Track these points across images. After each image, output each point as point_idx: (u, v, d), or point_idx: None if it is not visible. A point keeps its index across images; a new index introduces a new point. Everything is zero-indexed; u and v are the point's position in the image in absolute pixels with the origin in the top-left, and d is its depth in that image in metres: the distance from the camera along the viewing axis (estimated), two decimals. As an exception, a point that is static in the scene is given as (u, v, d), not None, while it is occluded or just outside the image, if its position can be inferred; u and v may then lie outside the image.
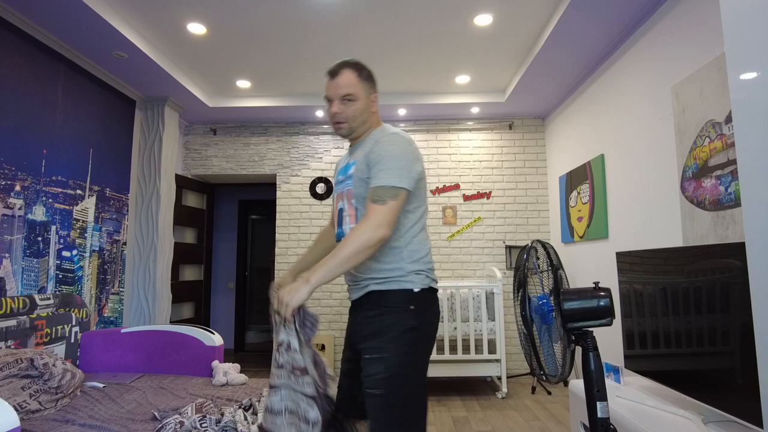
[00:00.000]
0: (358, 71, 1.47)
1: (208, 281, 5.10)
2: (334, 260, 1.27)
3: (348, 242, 1.28)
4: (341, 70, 1.46)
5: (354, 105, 1.46)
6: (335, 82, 1.46)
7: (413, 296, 1.38)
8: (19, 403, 1.98)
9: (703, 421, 1.66)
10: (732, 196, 1.99)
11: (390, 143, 1.40)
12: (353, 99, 1.46)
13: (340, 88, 1.45)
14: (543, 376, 1.54)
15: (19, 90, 2.69)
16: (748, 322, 1.44)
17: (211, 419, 1.80)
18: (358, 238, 1.28)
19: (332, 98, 1.48)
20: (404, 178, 1.36)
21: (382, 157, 1.38)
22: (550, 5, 2.83)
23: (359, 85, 1.46)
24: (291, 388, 1.27)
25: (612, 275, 3.19)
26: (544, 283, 1.63)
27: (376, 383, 1.30)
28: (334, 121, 1.48)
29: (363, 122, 1.49)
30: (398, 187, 1.35)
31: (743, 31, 1.06)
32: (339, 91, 1.45)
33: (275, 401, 1.25)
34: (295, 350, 1.31)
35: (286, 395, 1.26)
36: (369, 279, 1.41)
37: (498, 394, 3.70)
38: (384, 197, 1.33)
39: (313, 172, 4.71)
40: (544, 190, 4.60)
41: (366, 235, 1.28)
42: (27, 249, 2.73)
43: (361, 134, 1.52)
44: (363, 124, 1.50)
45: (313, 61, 3.57)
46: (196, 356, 2.74)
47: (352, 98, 1.46)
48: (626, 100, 2.99)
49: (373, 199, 1.34)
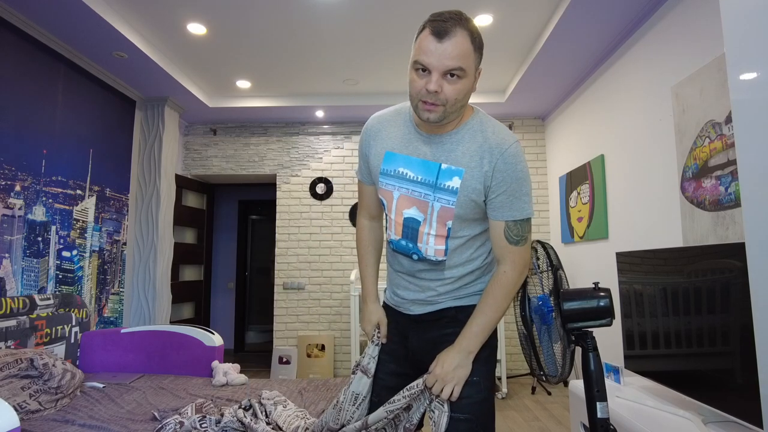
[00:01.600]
0: (472, 35, 1.03)
1: (208, 281, 5.10)
2: (492, 322, 1.13)
3: (503, 299, 1.13)
4: (454, 29, 1.01)
5: (461, 83, 1.04)
6: (443, 47, 1.00)
7: None
8: (19, 404, 1.98)
9: (703, 421, 1.66)
10: (732, 196, 1.99)
11: (519, 157, 1.10)
12: (463, 75, 1.03)
13: (450, 58, 1.00)
14: (543, 377, 1.54)
15: (19, 90, 2.69)
16: (748, 322, 1.44)
17: (211, 419, 1.80)
18: (513, 291, 1.13)
19: (433, 68, 1.02)
20: (531, 205, 1.15)
21: (517, 179, 1.10)
22: (550, 5, 2.83)
23: (473, 56, 1.04)
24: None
25: (612, 275, 3.19)
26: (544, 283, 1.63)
27: (466, 408, 1.15)
28: (426, 100, 1.04)
29: (463, 106, 1.10)
30: (531, 218, 1.15)
31: (743, 31, 1.06)
32: (447, 63, 1.01)
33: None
34: (413, 426, 1.20)
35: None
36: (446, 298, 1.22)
37: (498, 395, 3.70)
38: (524, 235, 1.13)
39: (313, 173, 4.71)
40: (544, 190, 4.60)
41: (518, 285, 1.15)
42: (27, 249, 2.73)
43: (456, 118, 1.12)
44: (462, 109, 1.10)
45: (313, 61, 3.57)
46: (196, 356, 2.74)
47: (462, 73, 1.03)
48: (626, 100, 2.99)
49: (512, 240, 1.12)
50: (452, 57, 1.01)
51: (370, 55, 3.48)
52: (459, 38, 1.01)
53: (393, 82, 3.99)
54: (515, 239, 1.12)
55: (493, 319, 1.13)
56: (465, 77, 1.04)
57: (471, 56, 1.03)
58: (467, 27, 1.03)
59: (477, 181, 1.10)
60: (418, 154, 1.16)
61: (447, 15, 1.03)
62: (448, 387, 1.11)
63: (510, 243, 1.12)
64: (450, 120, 1.10)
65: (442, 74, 1.02)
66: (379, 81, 3.97)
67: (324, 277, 4.60)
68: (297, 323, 4.57)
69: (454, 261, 1.19)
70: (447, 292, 1.21)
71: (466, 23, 1.04)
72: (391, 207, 1.20)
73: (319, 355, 4.42)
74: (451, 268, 1.19)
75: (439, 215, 1.14)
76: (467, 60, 1.02)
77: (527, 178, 1.12)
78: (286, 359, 4.44)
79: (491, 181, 1.10)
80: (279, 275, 4.61)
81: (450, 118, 1.09)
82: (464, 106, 1.11)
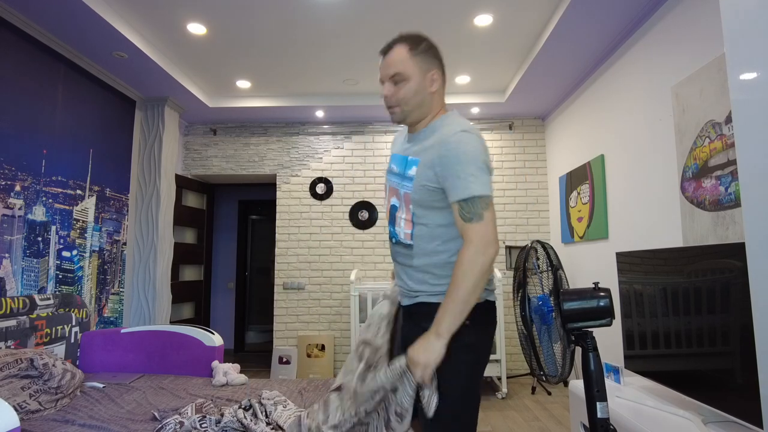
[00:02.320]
0: (410, 45, 1.28)
1: (208, 281, 5.10)
2: (456, 303, 1.17)
3: (462, 278, 1.16)
4: (393, 45, 1.29)
5: (406, 85, 1.27)
6: (385, 60, 1.29)
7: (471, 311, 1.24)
8: (19, 404, 1.98)
9: (703, 421, 1.66)
10: (732, 196, 1.99)
11: (462, 143, 1.21)
12: (404, 78, 1.27)
13: (389, 67, 1.28)
14: (543, 377, 1.54)
15: (19, 90, 2.69)
16: (748, 322, 1.44)
17: (211, 419, 1.80)
18: (472, 269, 1.16)
19: (383, 79, 1.30)
20: (484, 182, 1.20)
21: (457, 162, 1.20)
22: (550, 5, 2.83)
23: (411, 61, 1.27)
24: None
25: (612, 275, 3.19)
26: (544, 283, 1.63)
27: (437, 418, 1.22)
28: (387, 105, 1.31)
29: (419, 105, 1.29)
30: (484, 196, 1.19)
31: (743, 31, 1.06)
32: (388, 71, 1.28)
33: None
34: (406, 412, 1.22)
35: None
36: (420, 291, 1.31)
37: (498, 395, 3.70)
38: (477, 212, 1.18)
39: (313, 173, 4.71)
40: (544, 190, 4.60)
41: (478, 262, 1.16)
42: (27, 249, 2.73)
43: (420, 119, 1.32)
44: (419, 108, 1.30)
45: (313, 61, 3.57)
46: (196, 356, 2.74)
47: (402, 77, 1.27)
48: (626, 100, 2.99)
49: (465, 218, 1.19)
50: (389, 65, 1.28)
51: (370, 55, 3.48)
52: (395, 50, 1.28)
53: (393, 82, 3.98)
54: (468, 217, 1.19)
55: (455, 300, 1.17)
56: (407, 79, 1.27)
57: (408, 62, 1.26)
58: (405, 41, 1.28)
59: (428, 169, 1.25)
60: (400, 151, 1.39)
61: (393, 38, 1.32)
62: (416, 369, 1.17)
63: (465, 221, 1.20)
64: (413, 119, 1.31)
65: (389, 81, 1.29)
66: (379, 81, 3.97)
67: (324, 277, 4.60)
68: (297, 323, 4.57)
69: (420, 249, 1.30)
70: (419, 283, 1.31)
71: (406, 39, 1.29)
72: (385, 198, 1.40)
73: (319, 355, 4.42)
74: (419, 255, 1.30)
75: (404, 200, 1.31)
76: (404, 65, 1.26)
77: (472, 160, 1.20)
78: (286, 359, 4.44)
79: (438, 168, 1.23)
80: (279, 275, 4.61)
81: (412, 117, 1.31)
82: (423, 105, 1.30)
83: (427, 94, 1.29)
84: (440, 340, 1.17)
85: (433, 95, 1.31)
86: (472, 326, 1.23)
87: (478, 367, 1.28)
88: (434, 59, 1.31)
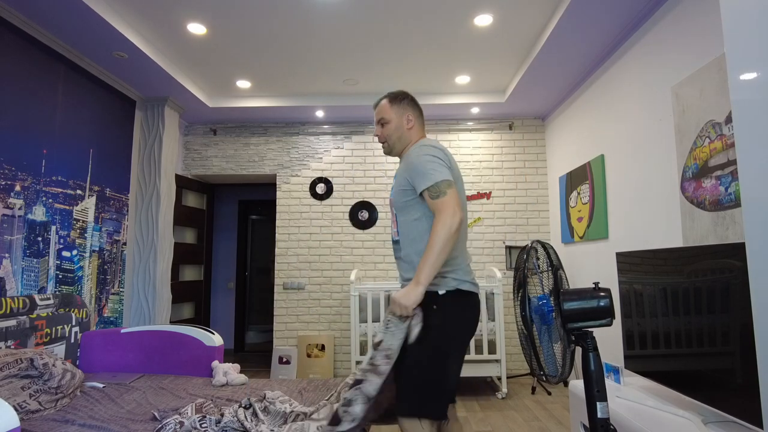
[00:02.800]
0: (390, 98, 1.78)
1: (208, 281, 5.10)
2: (431, 257, 1.46)
3: (435, 237, 1.48)
4: (380, 101, 1.80)
5: (388, 126, 1.76)
6: (375, 111, 1.81)
7: (437, 298, 1.56)
8: (19, 403, 1.98)
9: (703, 421, 1.66)
10: (732, 196, 1.99)
11: (421, 150, 1.63)
12: (386, 122, 1.76)
13: (377, 114, 1.79)
14: (543, 377, 1.54)
15: (19, 90, 2.69)
16: (748, 322, 1.44)
17: (211, 419, 1.80)
18: (442, 229, 1.48)
19: (375, 123, 1.81)
20: (442, 172, 1.56)
21: (419, 162, 1.60)
22: (550, 5, 2.83)
23: (391, 109, 1.76)
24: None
25: (612, 275, 3.19)
26: (544, 283, 1.63)
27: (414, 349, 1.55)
28: (379, 141, 1.81)
29: (399, 139, 1.76)
30: (445, 180, 1.55)
31: (743, 31, 1.06)
32: (377, 117, 1.80)
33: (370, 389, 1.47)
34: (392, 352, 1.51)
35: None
36: (410, 278, 1.62)
37: (498, 395, 3.70)
38: (442, 191, 1.53)
39: (313, 173, 4.71)
40: (544, 190, 4.60)
41: (446, 225, 1.48)
42: (27, 249, 2.73)
43: (401, 150, 1.78)
44: (399, 141, 1.77)
45: (313, 61, 3.57)
46: (196, 356, 2.74)
47: (385, 121, 1.76)
48: (626, 100, 2.99)
49: (434, 197, 1.54)
50: (378, 113, 1.80)
51: (370, 55, 3.48)
52: (380, 104, 1.80)
53: (393, 82, 3.99)
54: (435, 195, 1.54)
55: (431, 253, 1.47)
56: (389, 122, 1.76)
57: (389, 110, 1.77)
58: (387, 96, 1.79)
59: (401, 176, 1.69)
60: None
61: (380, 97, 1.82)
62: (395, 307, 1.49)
63: (434, 199, 1.55)
64: (398, 149, 1.79)
65: (377, 124, 1.80)
66: (379, 81, 3.98)
67: (324, 277, 4.60)
68: (297, 323, 4.57)
69: (403, 241, 1.67)
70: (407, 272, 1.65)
71: (388, 95, 1.80)
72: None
73: (319, 355, 4.42)
74: (404, 247, 1.67)
75: (390, 205, 1.77)
76: (386, 112, 1.77)
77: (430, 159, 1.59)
78: (286, 359, 4.44)
79: (406, 172, 1.65)
80: (279, 275, 4.61)
81: (397, 148, 1.79)
82: (401, 138, 1.77)
83: (404, 130, 1.76)
84: (419, 287, 1.47)
85: (410, 131, 1.77)
86: (438, 310, 1.55)
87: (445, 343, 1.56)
88: (408, 106, 1.78)
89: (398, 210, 1.68)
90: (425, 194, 1.57)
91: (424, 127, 1.82)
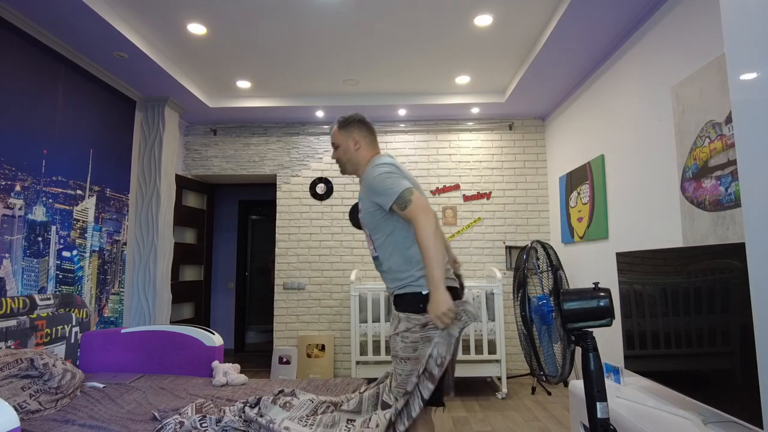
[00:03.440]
0: (339, 124, 1.90)
1: (208, 281, 5.10)
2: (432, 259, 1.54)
3: (424, 242, 1.56)
4: (332, 129, 1.93)
5: (339, 149, 1.90)
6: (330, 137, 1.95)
7: (423, 298, 1.64)
8: (19, 403, 1.98)
9: (703, 421, 1.66)
10: (732, 196, 1.99)
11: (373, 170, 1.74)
12: (337, 146, 1.91)
13: (331, 139, 1.94)
14: (543, 377, 1.54)
15: (19, 90, 2.69)
16: (747, 322, 1.44)
17: (211, 419, 1.80)
18: (424, 231, 1.57)
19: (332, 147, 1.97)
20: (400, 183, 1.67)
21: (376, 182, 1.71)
22: (550, 5, 2.83)
23: (339, 134, 1.89)
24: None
25: (612, 275, 3.19)
26: (544, 283, 1.64)
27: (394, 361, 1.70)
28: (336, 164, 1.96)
29: (348, 161, 1.89)
30: (405, 189, 1.65)
31: (743, 31, 1.06)
32: (331, 142, 1.94)
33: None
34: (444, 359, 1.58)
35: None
36: (393, 287, 1.75)
37: (498, 395, 3.70)
38: (405, 200, 1.63)
39: (314, 173, 4.71)
40: (544, 190, 4.60)
41: (426, 226, 1.57)
42: (27, 249, 2.73)
43: (355, 170, 1.90)
44: (349, 162, 1.89)
45: (313, 61, 3.57)
46: (196, 356, 2.74)
47: (336, 145, 1.91)
48: (626, 100, 2.99)
49: (402, 209, 1.64)
50: (331, 138, 1.93)
51: (371, 55, 3.48)
52: (333, 129, 1.92)
53: (393, 82, 3.99)
54: (403, 205, 1.64)
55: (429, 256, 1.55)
56: (338, 146, 1.90)
57: (338, 135, 1.89)
58: (337, 122, 1.91)
59: (365, 199, 1.79)
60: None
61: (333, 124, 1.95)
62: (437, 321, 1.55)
63: (403, 210, 1.64)
64: (351, 169, 1.91)
65: (333, 148, 1.93)
66: (379, 81, 3.98)
67: (324, 277, 4.60)
68: (297, 323, 4.57)
69: (382, 255, 1.78)
70: (391, 282, 1.76)
71: (338, 121, 1.91)
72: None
73: (319, 355, 4.42)
74: (384, 261, 1.77)
75: (364, 226, 1.85)
76: (336, 137, 1.90)
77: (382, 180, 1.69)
78: (286, 359, 4.44)
79: (368, 194, 1.75)
80: (279, 275, 4.61)
81: (349, 168, 1.91)
82: (351, 159, 1.88)
83: (352, 153, 1.88)
84: (438, 289, 1.53)
85: (358, 152, 1.88)
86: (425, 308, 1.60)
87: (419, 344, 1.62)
88: (354, 129, 1.88)
89: (371, 230, 1.78)
90: (394, 207, 1.66)
91: (375, 144, 1.91)
